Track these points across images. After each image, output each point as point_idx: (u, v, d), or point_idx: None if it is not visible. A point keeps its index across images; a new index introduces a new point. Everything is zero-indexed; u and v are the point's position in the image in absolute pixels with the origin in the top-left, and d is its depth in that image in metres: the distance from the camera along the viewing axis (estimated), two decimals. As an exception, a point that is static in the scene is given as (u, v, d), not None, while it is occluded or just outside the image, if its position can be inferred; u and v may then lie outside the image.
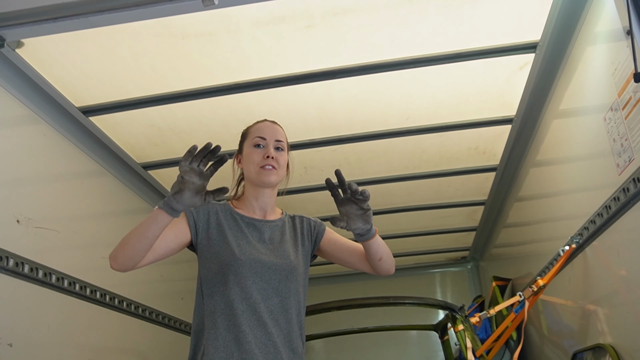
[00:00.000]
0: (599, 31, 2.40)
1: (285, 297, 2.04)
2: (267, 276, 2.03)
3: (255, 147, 2.14)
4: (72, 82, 2.81)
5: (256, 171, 2.11)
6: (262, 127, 2.19)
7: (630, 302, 2.33)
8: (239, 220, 2.13)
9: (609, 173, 2.37)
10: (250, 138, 2.18)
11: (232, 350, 1.92)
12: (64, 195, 3.06)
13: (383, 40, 2.68)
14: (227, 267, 2.00)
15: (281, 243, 2.13)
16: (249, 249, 2.05)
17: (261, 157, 2.11)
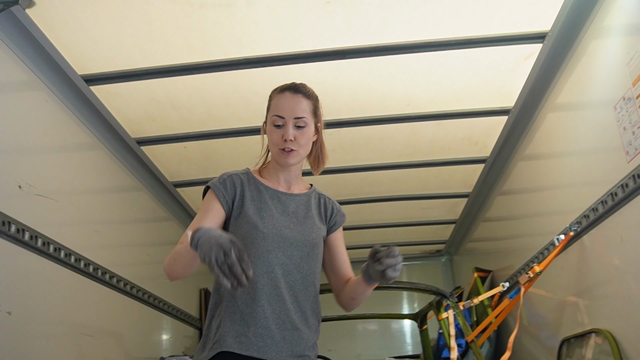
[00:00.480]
0: (612, 24, 2.47)
1: (307, 274, 2.01)
2: (290, 251, 1.99)
3: (274, 127, 2.03)
4: (78, 48, 2.74)
5: (276, 152, 2.04)
6: (282, 103, 2.05)
7: (633, 287, 2.40)
8: (263, 191, 2.06)
9: (616, 161, 2.44)
10: (271, 113, 2.06)
11: (248, 324, 1.89)
12: (62, 165, 2.99)
13: (398, 21, 2.69)
14: (250, 239, 1.95)
15: (305, 218, 2.08)
16: (272, 221, 2.00)
17: (280, 139, 2.01)
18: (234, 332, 1.89)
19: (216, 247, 1.51)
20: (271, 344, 1.89)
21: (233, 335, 1.89)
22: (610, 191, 2.49)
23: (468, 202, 4.88)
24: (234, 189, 2.03)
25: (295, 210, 2.07)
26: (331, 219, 2.17)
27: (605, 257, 2.64)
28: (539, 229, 3.64)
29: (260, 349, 1.88)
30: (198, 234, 1.60)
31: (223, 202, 2.00)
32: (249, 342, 1.88)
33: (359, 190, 4.57)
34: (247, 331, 1.89)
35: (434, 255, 6.51)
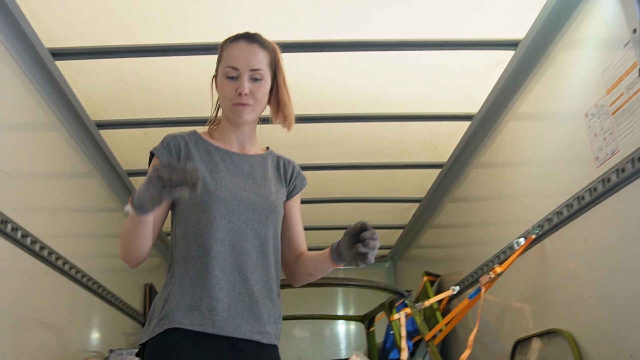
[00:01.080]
0: (586, 36, 2.58)
1: (265, 240, 1.81)
2: (246, 216, 1.78)
3: (228, 79, 1.82)
4: (49, 19, 2.62)
5: (229, 108, 1.83)
6: (236, 52, 1.84)
7: (594, 288, 2.50)
8: (213, 152, 1.87)
9: (584, 167, 2.54)
10: (223, 64, 1.85)
11: (201, 297, 1.68)
12: (21, 142, 2.85)
13: (380, 16, 2.72)
14: (201, 204, 1.75)
15: (263, 180, 1.89)
16: (225, 183, 1.80)
17: (234, 92, 1.81)
18: (184, 305, 1.68)
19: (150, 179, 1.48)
20: (228, 319, 1.68)
21: (184, 309, 1.67)
22: (577, 195, 2.59)
23: (419, 208, 4.97)
24: (178, 150, 1.83)
25: (251, 172, 1.88)
26: (291, 182, 2.01)
27: (567, 260, 2.74)
28: (489, 237, 3.76)
29: (215, 324, 1.67)
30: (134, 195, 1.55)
31: None
32: (202, 317, 1.66)
33: (314, 190, 4.55)
34: (199, 305, 1.68)
35: (378, 260, 6.55)
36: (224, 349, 1.68)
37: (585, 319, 2.57)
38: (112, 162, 3.90)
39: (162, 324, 1.67)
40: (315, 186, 4.50)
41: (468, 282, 4.01)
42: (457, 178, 4.25)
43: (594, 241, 2.53)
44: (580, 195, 2.56)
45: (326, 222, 5.21)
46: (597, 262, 2.49)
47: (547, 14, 2.69)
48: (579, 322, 2.63)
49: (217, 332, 1.67)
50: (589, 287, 2.55)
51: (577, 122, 2.61)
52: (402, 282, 6.26)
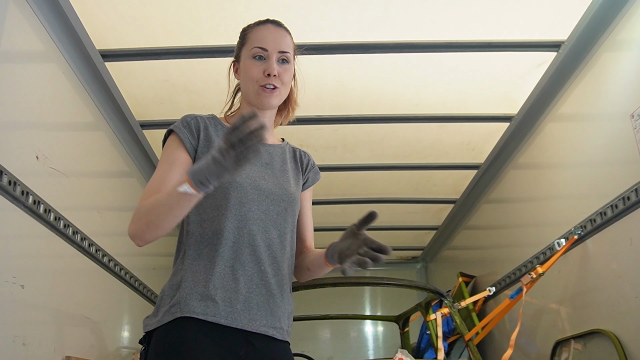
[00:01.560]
0: (632, 36, 2.57)
1: (284, 232, 1.76)
2: (266, 205, 1.73)
3: (255, 59, 1.78)
4: (101, 21, 2.70)
5: (255, 90, 1.77)
6: (264, 34, 1.81)
7: (639, 289, 2.50)
8: None
9: (629, 167, 2.54)
10: (249, 46, 1.80)
11: (215, 286, 1.60)
12: (72, 142, 2.93)
13: (425, 19, 2.75)
14: (220, 189, 1.67)
15: (282, 171, 1.85)
16: (246, 170, 1.71)
17: (261, 74, 1.76)
18: (197, 294, 1.59)
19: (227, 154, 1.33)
20: (242, 311, 1.61)
21: (197, 297, 1.58)
22: (622, 195, 2.58)
23: (453, 209, 4.98)
24: (199, 131, 1.77)
25: (270, 162, 1.83)
26: (305, 173, 1.96)
27: (611, 260, 2.73)
28: (526, 238, 3.76)
29: (228, 315, 1.59)
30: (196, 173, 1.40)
31: (189, 147, 1.74)
32: (216, 307, 1.58)
33: (350, 191, 4.60)
34: (214, 294, 1.59)
35: (409, 261, 6.58)
36: (238, 343, 1.60)
37: (630, 319, 2.57)
38: (154, 161, 3.97)
39: (173, 312, 1.58)
40: (351, 186, 4.55)
41: (505, 283, 4.02)
42: (494, 179, 4.26)
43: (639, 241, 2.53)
44: (626, 195, 2.56)
45: (360, 222, 5.24)
46: (645, 262, 2.49)
47: (592, 15, 2.69)
48: (622, 322, 2.62)
49: (230, 323, 1.59)
50: (634, 288, 2.55)
51: (621, 122, 2.60)
52: (434, 283, 6.25)
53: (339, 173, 4.24)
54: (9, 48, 2.22)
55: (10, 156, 2.21)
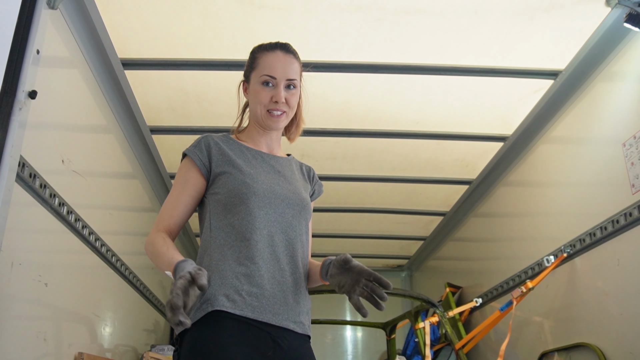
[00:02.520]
0: (626, 69, 2.77)
1: (299, 234, 1.87)
2: (282, 209, 1.84)
3: (264, 85, 1.89)
4: (126, 32, 2.81)
5: (263, 114, 1.91)
6: (273, 62, 1.91)
7: (624, 306, 2.69)
8: (245, 151, 1.93)
9: (619, 193, 2.72)
10: (259, 72, 1.91)
11: (241, 283, 1.70)
12: (90, 145, 3.04)
13: (435, 45, 2.90)
14: (239, 196, 1.80)
15: (292, 179, 1.96)
16: (260, 177, 1.86)
17: (269, 99, 1.89)
18: (225, 290, 1.69)
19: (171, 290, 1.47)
20: (267, 305, 1.71)
21: (224, 293, 1.68)
22: (611, 218, 2.77)
23: (442, 221, 5.15)
24: (209, 149, 1.88)
25: (282, 170, 1.96)
26: (312, 184, 2.08)
27: (598, 278, 2.92)
28: (514, 252, 3.95)
29: (255, 309, 1.69)
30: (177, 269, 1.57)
31: (200, 167, 1.86)
32: (243, 302, 1.68)
33: (345, 200, 4.75)
34: (240, 290, 1.70)
35: (394, 269, 6.74)
36: (265, 344, 1.68)
37: (614, 335, 2.75)
38: (158, 164, 4.09)
39: (204, 308, 1.67)
40: (346, 196, 4.69)
41: (492, 295, 4.19)
42: (484, 195, 4.44)
43: (626, 263, 2.71)
44: (615, 218, 2.75)
45: (352, 230, 5.41)
46: (629, 283, 2.67)
47: (590, 48, 2.87)
48: (607, 337, 2.81)
49: (257, 317, 1.68)
50: (619, 305, 2.73)
51: (613, 149, 2.79)
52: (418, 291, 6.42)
53: (336, 183, 4.39)
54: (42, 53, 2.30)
55: (40, 159, 2.30)
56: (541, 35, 2.83)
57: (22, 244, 2.19)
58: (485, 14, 2.69)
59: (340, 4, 2.63)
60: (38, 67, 2.17)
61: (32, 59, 2.12)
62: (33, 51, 2.13)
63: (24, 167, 2.13)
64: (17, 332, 2.18)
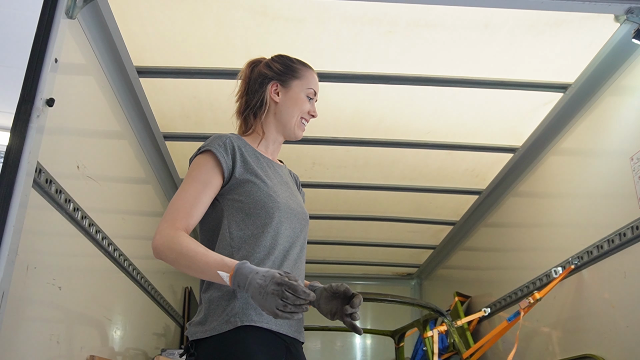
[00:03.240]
0: (636, 83, 2.78)
1: (303, 247, 1.93)
2: (294, 224, 1.89)
3: (307, 97, 2.04)
4: (142, 40, 2.86)
5: (297, 123, 2.02)
6: (314, 79, 2.09)
7: (631, 318, 2.70)
8: (260, 158, 1.94)
9: (627, 206, 2.74)
10: (305, 84, 2.04)
11: None
12: (103, 151, 3.07)
13: (446, 57, 2.94)
14: (265, 209, 1.81)
15: (294, 190, 2.04)
16: (279, 190, 1.90)
17: (307, 111, 2.03)
18: (253, 304, 1.71)
19: (270, 297, 1.50)
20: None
21: (253, 306, 1.71)
22: (618, 231, 2.79)
23: (452, 230, 5.17)
24: (234, 152, 1.86)
25: (287, 181, 2.02)
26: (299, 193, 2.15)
27: (605, 291, 2.93)
28: (523, 263, 3.95)
29: (276, 323, 1.76)
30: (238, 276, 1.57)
31: (225, 169, 1.82)
32: (268, 316, 1.72)
33: (355, 208, 4.78)
34: None
35: (404, 278, 6.76)
36: (281, 351, 1.77)
37: (621, 346, 2.76)
38: (171, 170, 4.15)
39: (233, 321, 1.69)
40: (356, 204, 4.73)
41: (500, 305, 4.20)
42: (494, 205, 4.46)
43: (633, 276, 2.72)
44: (622, 232, 2.76)
45: (362, 238, 5.44)
46: (635, 295, 2.68)
47: (599, 62, 2.90)
48: (613, 348, 2.82)
49: (278, 329, 1.76)
50: (625, 317, 2.75)
51: (621, 163, 2.81)
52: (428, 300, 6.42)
53: (347, 191, 4.43)
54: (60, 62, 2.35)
55: (56, 165, 2.35)
56: (550, 49, 2.86)
57: (38, 248, 2.24)
58: (495, 28, 2.72)
59: (353, 16, 2.67)
60: (56, 75, 2.22)
61: (51, 67, 2.17)
62: (51, 60, 2.18)
63: (40, 173, 2.18)
64: (31, 334, 2.23)
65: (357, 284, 6.58)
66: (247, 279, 1.56)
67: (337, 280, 2.06)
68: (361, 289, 6.59)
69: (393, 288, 6.67)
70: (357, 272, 6.48)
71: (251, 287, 1.55)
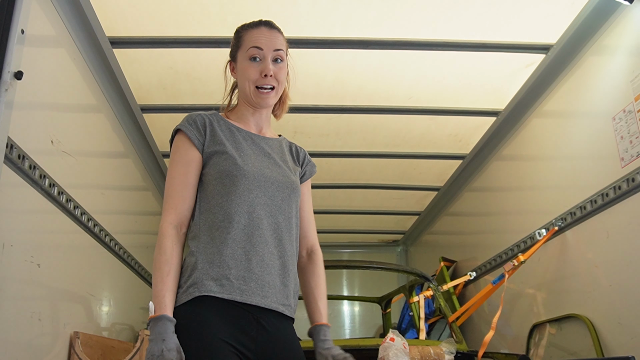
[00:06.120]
0: (616, 43, 2.75)
1: (289, 216, 1.87)
2: (271, 192, 1.84)
3: (251, 61, 1.87)
4: (113, 10, 2.78)
5: (252, 91, 1.89)
6: (258, 35, 1.89)
7: (613, 278, 2.71)
8: (235, 132, 1.91)
9: (609, 166, 2.73)
10: (245, 47, 1.90)
11: (229, 266, 1.71)
12: (79, 125, 3.02)
13: (426, 20, 2.88)
14: (230, 177, 1.80)
15: (282, 161, 1.95)
16: (250, 160, 1.85)
17: (258, 74, 1.86)
18: (213, 274, 1.70)
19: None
20: (255, 288, 1.72)
21: (212, 277, 1.70)
22: (601, 191, 2.78)
23: (437, 196, 5.17)
24: (204, 127, 1.87)
25: (272, 153, 1.94)
26: (303, 166, 2.06)
27: (588, 251, 2.94)
28: (507, 226, 3.96)
29: (243, 292, 1.70)
30: (152, 326, 1.62)
31: (198, 145, 1.85)
32: (231, 285, 1.69)
33: (340, 176, 4.75)
34: (228, 274, 1.71)
35: (390, 244, 6.78)
36: (249, 324, 1.71)
37: (603, 305, 2.79)
38: (150, 143, 4.07)
39: (190, 292, 1.69)
40: (340, 172, 4.70)
41: (485, 269, 4.22)
42: (477, 169, 4.44)
43: (615, 235, 2.73)
44: (605, 192, 2.76)
45: (346, 206, 5.43)
46: (618, 255, 2.70)
47: (580, 22, 2.86)
48: (597, 308, 2.84)
49: (245, 300, 1.70)
50: (608, 277, 2.76)
51: (603, 123, 2.80)
52: (414, 266, 6.46)
53: (330, 159, 4.39)
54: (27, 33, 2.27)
55: (29, 141, 2.29)
56: (532, 9, 2.82)
57: (13, 226, 2.19)
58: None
59: (330, -21, 2.60)
60: (23, 47, 2.15)
61: (17, 38, 2.10)
62: (18, 31, 2.10)
63: (12, 149, 2.12)
64: (11, 313, 2.20)
65: (343, 252, 6.60)
66: (150, 339, 1.61)
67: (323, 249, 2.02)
68: (347, 257, 6.62)
69: (379, 255, 6.69)
70: (343, 240, 6.48)
71: (154, 338, 1.60)
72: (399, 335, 2.73)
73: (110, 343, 3.21)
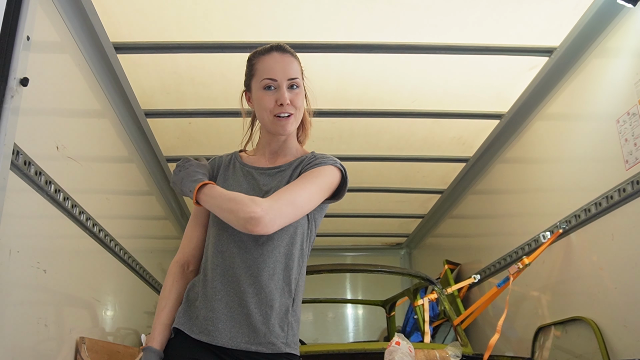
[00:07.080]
0: (620, 46, 2.75)
1: (270, 250, 1.78)
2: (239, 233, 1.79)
3: (266, 90, 1.84)
4: (117, 15, 2.79)
5: (270, 120, 1.85)
6: (271, 64, 1.85)
7: (619, 280, 2.71)
8: (238, 168, 1.95)
9: (613, 169, 2.73)
10: (259, 78, 1.86)
11: (200, 307, 1.76)
12: (84, 130, 3.03)
13: (428, 23, 2.88)
14: (213, 218, 1.86)
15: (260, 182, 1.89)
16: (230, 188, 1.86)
17: (274, 103, 1.83)
18: (189, 311, 1.78)
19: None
20: (223, 329, 1.72)
21: (188, 315, 1.77)
22: (605, 194, 2.78)
23: (440, 199, 5.17)
24: (214, 171, 1.97)
25: (267, 183, 1.87)
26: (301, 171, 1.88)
27: (593, 253, 2.94)
28: (511, 229, 3.96)
29: (210, 333, 1.72)
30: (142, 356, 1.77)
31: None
32: (199, 325, 1.73)
33: (343, 179, 4.74)
34: (198, 313, 1.76)
35: (393, 247, 6.77)
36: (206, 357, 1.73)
37: (609, 308, 2.78)
38: (154, 148, 4.08)
39: (175, 321, 1.80)
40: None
41: (490, 272, 4.22)
42: (481, 172, 4.44)
43: (620, 237, 2.73)
44: (609, 194, 2.76)
45: (350, 209, 5.42)
46: (623, 257, 2.69)
47: (584, 25, 2.86)
48: (602, 310, 2.83)
49: (212, 341, 1.71)
50: (613, 279, 2.76)
51: (607, 126, 2.79)
52: (417, 269, 6.47)
53: (333, 163, 4.38)
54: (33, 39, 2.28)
55: (35, 146, 2.30)
56: (535, 12, 2.82)
57: (20, 232, 2.20)
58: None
59: (333, -17, 2.61)
60: (29, 53, 2.16)
61: (23, 45, 2.11)
62: (23, 37, 2.11)
63: (18, 155, 2.13)
64: (18, 318, 2.20)
65: (347, 256, 6.60)
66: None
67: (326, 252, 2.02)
68: (351, 260, 6.62)
69: (383, 258, 6.69)
70: (347, 243, 6.48)
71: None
72: (404, 339, 2.74)
73: (116, 348, 3.21)
